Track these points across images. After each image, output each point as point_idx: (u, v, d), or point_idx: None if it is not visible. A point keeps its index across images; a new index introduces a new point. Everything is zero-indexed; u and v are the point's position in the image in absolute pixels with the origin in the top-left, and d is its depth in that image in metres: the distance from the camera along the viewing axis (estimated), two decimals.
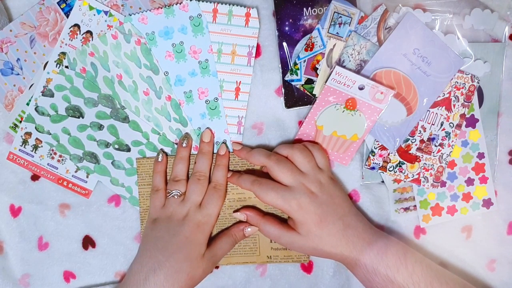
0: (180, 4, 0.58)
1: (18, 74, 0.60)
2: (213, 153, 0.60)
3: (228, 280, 0.62)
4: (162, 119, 0.60)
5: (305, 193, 0.54)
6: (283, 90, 0.61)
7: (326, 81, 0.58)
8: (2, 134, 0.62)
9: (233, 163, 0.60)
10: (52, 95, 0.60)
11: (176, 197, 0.58)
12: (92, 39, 0.59)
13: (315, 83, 0.60)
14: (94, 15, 0.59)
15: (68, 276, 0.62)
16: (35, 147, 0.61)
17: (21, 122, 0.60)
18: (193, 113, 0.60)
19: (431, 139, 0.60)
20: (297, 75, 0.60)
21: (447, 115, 0.59)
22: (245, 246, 0.60)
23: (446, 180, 0.61)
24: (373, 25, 0.59)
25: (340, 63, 0.59)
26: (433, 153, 0.60)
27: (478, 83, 0.59)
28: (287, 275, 0.61)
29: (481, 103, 0.61)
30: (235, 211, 0.59)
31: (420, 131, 0.60)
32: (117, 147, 0.61)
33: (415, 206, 0.61)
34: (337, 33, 0.59)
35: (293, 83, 0.60)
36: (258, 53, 0.61)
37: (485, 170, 0.61)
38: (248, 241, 0.60)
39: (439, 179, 0.60)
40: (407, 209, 0.61)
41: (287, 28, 0.60)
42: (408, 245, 0.56)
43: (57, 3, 0.59)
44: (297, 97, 0.61)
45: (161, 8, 0.58)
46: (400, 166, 0.60)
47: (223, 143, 0.61)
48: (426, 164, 0.60)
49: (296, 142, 0.60)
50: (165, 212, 0.57)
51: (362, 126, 0.59)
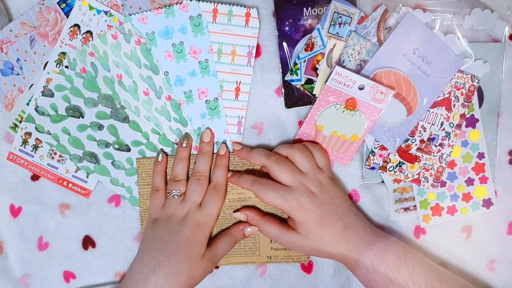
0: (180, 4, 0.58)
1: (18, 74, 0.60)
2: (213, 153, 0.60)
3: (228, 280, 0.62)
4: (162, 119, 0.60)
5: (305, 193, 0.54)
6: (283, 90, 0.61)
7: (326, 81, 0.58)
8: (2, 134, 0.62)
9: (233, 163, 0.60)
10: (52, 95, 0.60)
11: (176, 197, 0.57)
12: (92, 39, 0.59)
13: (315, 83, 0.60)
14: (94, 15, 0.59)
15: (68, 276, 0.62)
16: (35, 147, 0.61)
17: (21, 122, 0.60)
18: (193, 113, 0.60)
19: (431, 139, 0.60)
20: (297, 75, 0.60)
21: (447, 115, 0.59)
22: (245, 246, 0.60)
23: (446, 180, 0.61)
24: (373, 25, 0.59)
25: (340, 63, 0.59)
26: (433, 153, 0.60)
27: (478, 83, 0.59)
28: (287, 275, 0.61)
29: (481, 103, 0.61)
30: (235, 211, 0.59)
31: (420, 131, 0.60)
32: (117, 147, 0.61)
33: (415, 206, 0.61)
34: (337, 33, 0.59)
35: (293, 83, 0.60)
36: (258, 53, 0.61)
37: (485, 170, 0.61)
38: (248, 241, 0.60)
39: (439, 179, 0.60)
40: (407, 209, 0.61)
41: (287, 28, 0.60)
42: (408, 245, 0.56)
43: (57, 3, 0.59)
44: (297, 97, 0.61)
45: (161, 8, 0.58)
46: (400, 166, 0.60)
47: (223, 143, 0.61)
48: (426, 164, 0.60)
49: (296, 142, 0.60)
50: (165, 212, 0.57)
51: (362, 126, 0.59)
